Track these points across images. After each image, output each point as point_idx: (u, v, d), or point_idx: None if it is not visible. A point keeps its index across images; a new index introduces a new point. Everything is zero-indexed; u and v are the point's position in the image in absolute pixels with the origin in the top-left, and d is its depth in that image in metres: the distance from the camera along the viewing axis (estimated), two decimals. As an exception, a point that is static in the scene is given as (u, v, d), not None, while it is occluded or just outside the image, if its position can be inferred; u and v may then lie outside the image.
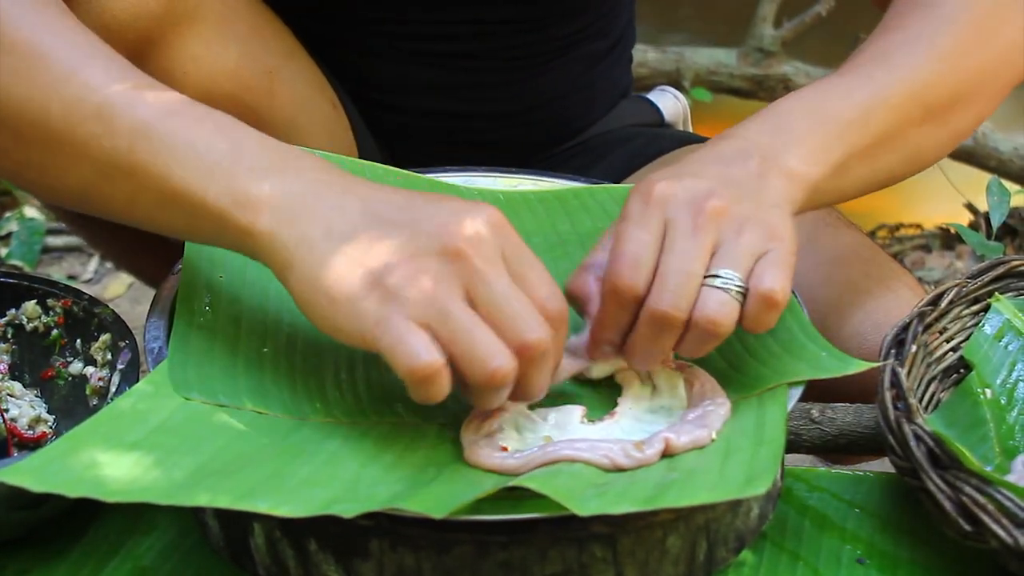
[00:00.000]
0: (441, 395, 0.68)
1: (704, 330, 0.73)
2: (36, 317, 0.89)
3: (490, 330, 0.68)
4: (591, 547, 0.68)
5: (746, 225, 0.74)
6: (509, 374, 0.68)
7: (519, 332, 0.68)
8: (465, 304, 0.68)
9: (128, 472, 0.67)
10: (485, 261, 0.69)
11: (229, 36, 1.02)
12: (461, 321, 0.67)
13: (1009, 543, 0.68)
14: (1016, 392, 0.84)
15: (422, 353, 0.67)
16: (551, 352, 0.70)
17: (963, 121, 0.91)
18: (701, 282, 0.73)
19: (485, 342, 0.68)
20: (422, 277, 0.68)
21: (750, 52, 2.38)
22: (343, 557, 0.69)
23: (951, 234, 2.27)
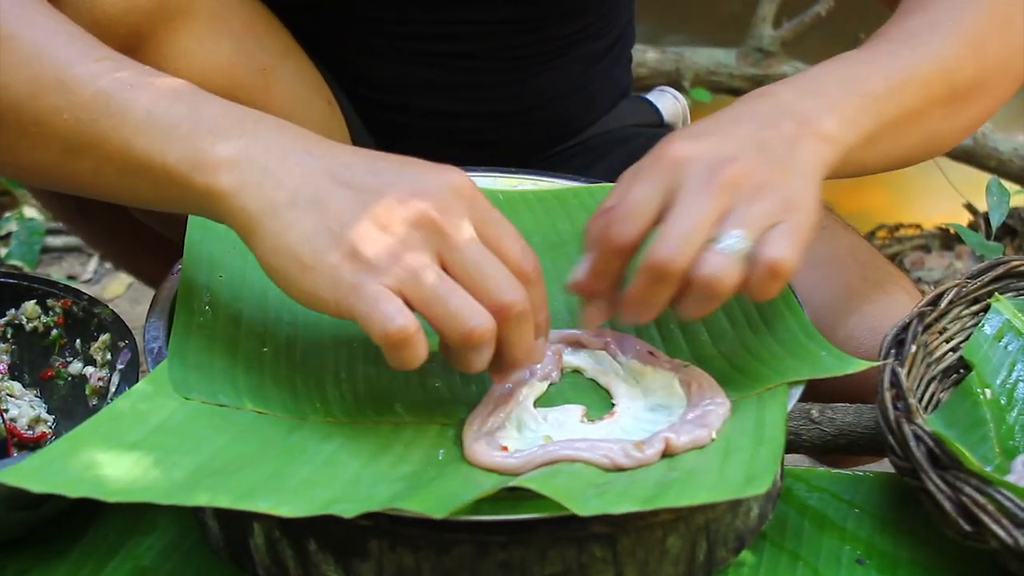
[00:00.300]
0: (417, 359, 0.68)
1: (702, 289, 0.72)
2: (36, 317, 0.89)
3: (466, 293, 0.69)
4: (591, 547, 0.68)
5: (763, 192, 0.73)
6: (487, 332, 0.69)
7: (494, 293, 0.69)
8: (439, 269, 0.69)
9: (128, 472, 0.67)
10: (455, 227, 0.69)
11: (222, 32, 1.02)
12: (436, 285, 0.68)
13: (1009, 543, 0.68)
14: (1016, 392, 0.84)
15: (396, 317, 0.67)
16: (528, 311, 0.70)
17: (981, 107, 0.91)
18: (705, 241, 0.72)
19: (461, 303, 0.68)
20: (395, 244, 0.68)
21: (750, 52, 2.38)
22: (342, 557, 0.69)
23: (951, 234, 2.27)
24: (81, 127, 0.73)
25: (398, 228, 0.69)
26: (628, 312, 0.75)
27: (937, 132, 0.88)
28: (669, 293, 0.73)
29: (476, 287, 0.69)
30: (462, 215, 0.70)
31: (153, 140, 0.72)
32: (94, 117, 0.73)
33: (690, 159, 0.74)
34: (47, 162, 0.76)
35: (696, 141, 0.75)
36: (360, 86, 1.17)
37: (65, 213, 1.23)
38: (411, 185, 0.70)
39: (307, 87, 1.13)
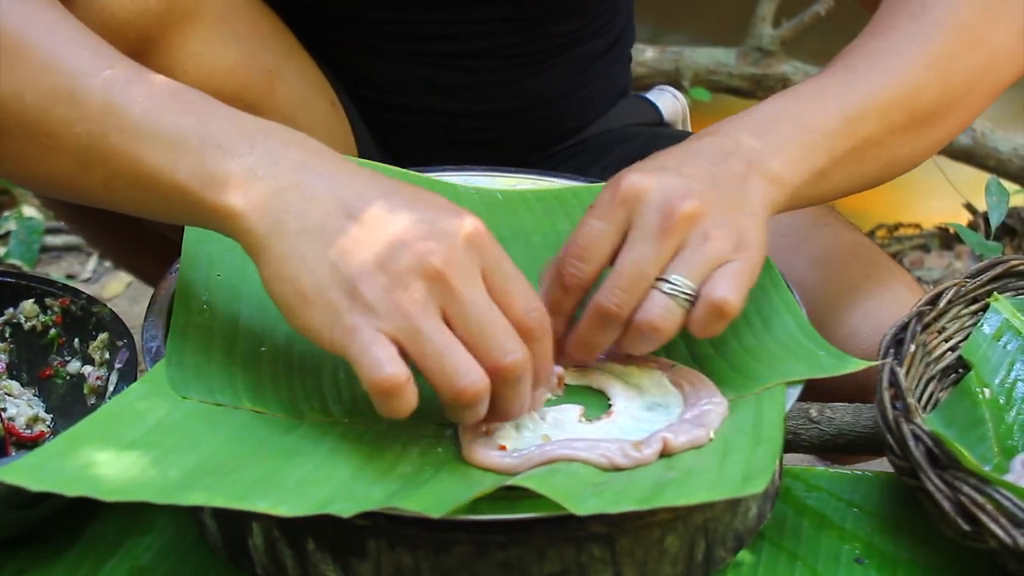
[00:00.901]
0: (405, 410, 0.67)
1: (642, 332, 0.74)
2: (34, 316, 0.89)
3: (464, 350, 0.68)
4: (589, 547, 0.68)
5: (714, 231, 0.74)
6: (479, 392, 0.68)
7: (493, 353, 0.68)
8: (440, 323, 0.68)
9: (125, 471, 0.67)
10: (463, 281, 0.68)
11: (229, 35, 1.02)
12: (434, 339, 0.67)
13: (1008, 543, 0.68)
14: (1015, 392, 0.84)
15: (386, 365, 0.66)
16: (526, 372, 0.70)
17: (946, 129, 0.90)
18: (652, 284, 0.74)
19: (457, 360, 0.67)
20: (399, 292, 0.67)
21: (749, 51, 2.38)
22: (341, 557, 0.69)
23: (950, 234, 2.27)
24: (92, 140, 0.73)
25: (403, 274, 0.68)
26: (573, 353, 0.77)
27: (897, 157, 0.88)
28: (612, 336, 0.75)
29: (476, 345, 0.68)
30: (471, 267, 0.69)
31: (163, 155, 0.71)
32: (104, 131, 0.72)
33: (644, 195, 0.75)
34: (58, 174, 0.76)
35: (651, 174, 0.76)
36: (360, 86, 1.17)
37: (65, 212, 1.23)
38: (423, 229, 0.69)
39: (311, 88, 1.13)
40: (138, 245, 1.19)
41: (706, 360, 0.81)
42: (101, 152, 0.73)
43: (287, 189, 0.70)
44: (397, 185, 0.73)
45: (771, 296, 0.84)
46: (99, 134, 0.72)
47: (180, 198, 0.72)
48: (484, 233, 0.71)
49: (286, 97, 1.08)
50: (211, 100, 0.74)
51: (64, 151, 0.74)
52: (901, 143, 0.86)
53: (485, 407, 0.69)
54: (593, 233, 0.75)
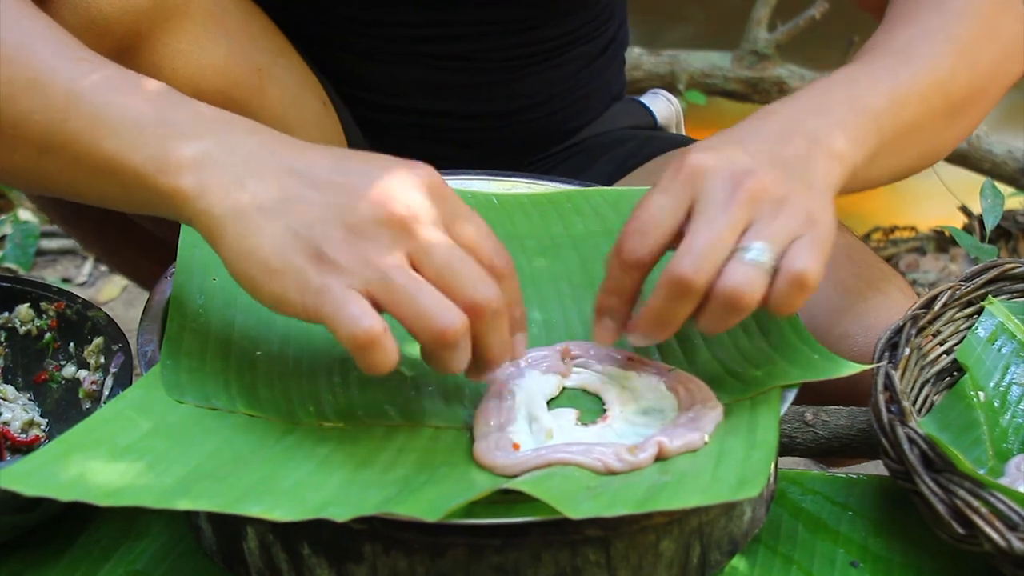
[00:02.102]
0: (386, 362, 0.67)
1: (726, 302, 0.70)
2: (29, 320, 0.88)
3: (437, 292, 0.67)
4: (584, 551, 0.68)
5: (784, 206, 0.72)
6: (459, 331, 0.67)
7: (466, 291, 0.68)
8: (409, 270, 0.68)
9: (120, 476, 0.67)
10: (425, 226, 0.68)
11: (218, 33, 1.02)
12: (405, 285, 0.67)
13: (1002, 546, 0.68)
14: (1009, 395, 0.84)
15: (362, 319, 0.66)
16: (502, 308, 0.69)
17: (974, 115, 0.91)
18: (730, 254, 0.71)
19: (431, 302, 0.67)
20: (363, 245, 0.67)
21: (744, 55, 2.38)
22: (336, 561, 0.68)
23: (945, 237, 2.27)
24: (52, 128, 0.73)
25: (366, 228, 0.68)
26: (643, 330, 0.74)
27: (934, 144, 0.89)
28: (689, 309, 0.72)
29: (447, 285, 0.68)
30: (431, 212, 0.69)
31: (121, 141, 0.72)
32: (64, 117, 0.73)
33: (709, 170, 0.73)
34: (23, 164, 0.76)
35: (714, 152, 0.74)
36: (352, 87, 1.17)
37: (61, 215, 1.23)
38: (379, 184, 0.69)
39: (302, 87, 1.13)
40: (132, 248, 1.19)
41: (701, 364, 0.81)
42: (61, 139, 0.73)
43: (243, 170, 0.70)
44: (352, 152, 0.73)
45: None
46: (59, 121, 0.73)
47: (137, 183, 0.72)
48: (440, 181, 0.71)
49: (277, 96, 1.08)
50: (173, 91, 0.75)
51: (26, 139, 0.74)
52: (938, 129, 0.87)
53: (467, 351, 0.69)
54: (655, 207, 0.73)
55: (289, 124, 1.10)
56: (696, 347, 0.83)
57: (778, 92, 2.36)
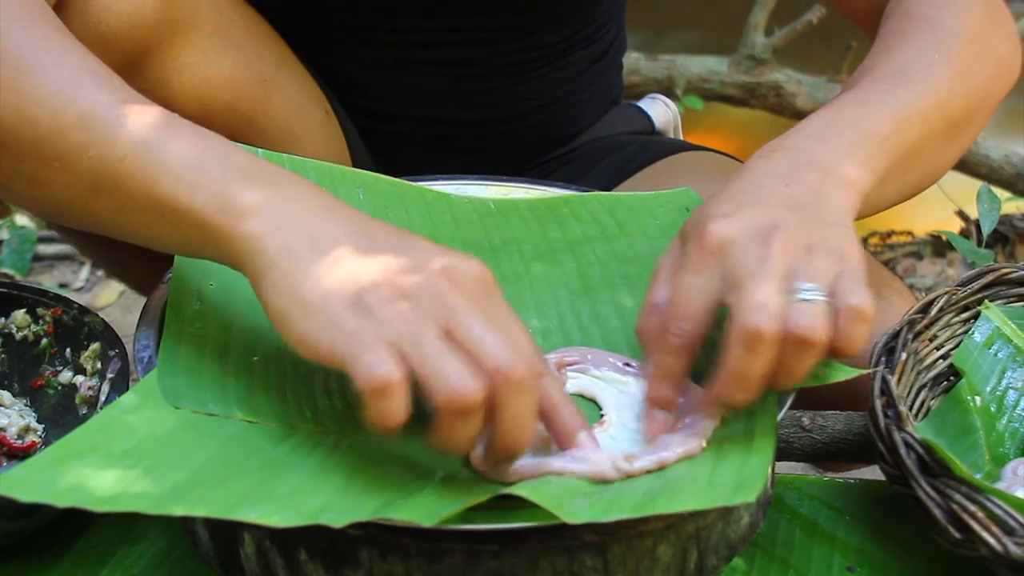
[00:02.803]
0: (396, 414, 0.66)
1: (797, 343, 0.69)
2: (26, 326, 0.88)
3: (464, 357, 0.66)
4: (582, 556, 0.68)
5: (815, 250, 0.72)
6: (476, 395, 0.65)
7: (493, 358, 0.66)
8: (442, 333, 0.67)
9: (117, 482, 0.67)
10: (465, 298, 0.68)
11: (224, 45, 1.02)
12: (434, 345, 0.66)
13: (999, 550, 0.68)
14: (1006, 399, 0.84)
15: (382, 365, 0.65)
16: (528, 383, 0.67)
17: (970, 135, 0.91)
18: (786, 299, 0.70)
19: (454, 364, 0.66)
20: (402, 301, 0.67)
21: (741, 60, 2.39)
22: (333, 566, 0.68)
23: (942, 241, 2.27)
24: (106, 165, 0.72)
25: (412, 292, 0.67)
26: (726, 393, 0.72)
27: (935, 164, 0.89)
28: (767, 361, 0.70)
29: (476, 352, 0.66)
30: (477, 298, 0.68)
31: (181, 182, 0.71)
32: (121, 156, 0.72)
33: (734, 240, 0.73)
34: (69, 199, 0.75)
35: (731, 220, 0.74)
36: (351, 94, 1.17)
37: None
38: (436, 260, 0.69)
39: (306, 97, 1.13)
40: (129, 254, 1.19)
41: (699, 369, 0.81)
42: (115, 177, 0.72)
43: (302, 217, 0.70)
44: (413, 234, 0.73)
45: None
46: (115, 159, 0.72)
47: (193, 225, 0.71)
48: (489, 276, 0.70)
49: (281, 107, 1.08)
50: (226, 139, 0.74)
51: (77, 175, 0.73)
52: (939, 150, 0.87)
53: (477, 424, 0.67)
54: (690, 291, 0.73)
55: (293, 134, 1.10)
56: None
57: (775, 96, 2.36)
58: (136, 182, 0.72)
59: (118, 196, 0.73)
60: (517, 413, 0.67)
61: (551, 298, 0.89)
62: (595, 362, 0.81)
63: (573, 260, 0.93)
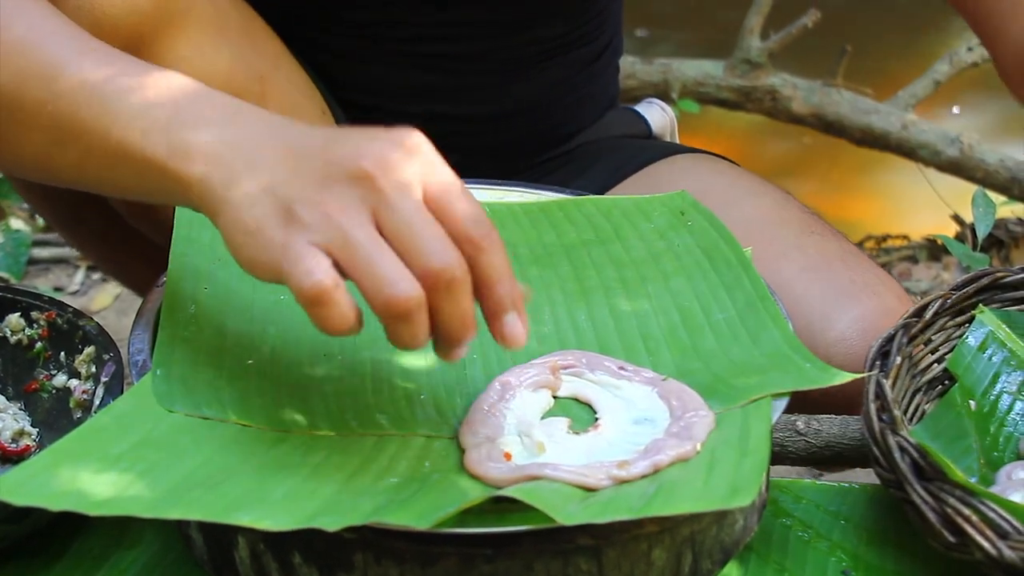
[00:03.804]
0: (340, 320, 0.66)
1: None
2: (20, 330, 0.88)
3: (395, 258, 0.66)
4: (576, 560, 0.68)
5: None
6: (410, 301, 0.65)
7: (423, 258, 0.66)
8: (371, 229, 0.66)
9: (111, 486, 0.67)
10: (393, 185, 0.67)
11: (221, 40, 1.02)
12: (362, 245, 0.65)
13: (993, 554, 0.68)
14: (1000, 404, 0.84)
15: (314, 272, 0.65)
16: (461, 280, 0.66)
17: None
18: None
19: (385, 267, 0.65)
20: (327, 202, 0.66)
21: (737, 64, 2.39)
22: (327, 570, 0.68)
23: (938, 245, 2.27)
24: (63, 119, 0.73)
25: (336, 184, 0.67)
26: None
27: None
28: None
29: (406, 250, 0.66)
30: (404, 171, 0.67)
31: (132, 130, 0.72)
32: (74, 108, 0.73)
33: None
34: (34, 153, 0.76)
35: None
36: (345, 89, 1.17)
37: (59, 220, 1.23)
38: (357, 144, 0.68)
39: (302, 95, 1.13)
40: (129, 254, 1.19)
41: (693, 373, 0.81)
42: (74, 129, 0.73)
43: (248, 155, 0.70)
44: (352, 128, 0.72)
45: (757, 309, 0.85)
46: (70, 112, 0.73)
47: (150, 171, 0.72)
48: (422, 143, 0.69)
49: (277, 105, 1.08)
50: (182, 78, 0.75)
51: (38, 129, 0.74)
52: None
53: (422, 324, 0.66)
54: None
55: None
56: (687, 356, 0.83)
57: (770, 100, 2.36)
58: (92, 134, 0.73)
59: (79, 148, 0.74)
60: (453, 312, 0.67)
61: (546, 302, 0.89)
62: (590, 366, 0.81)
63: (568, 264, 0.93)
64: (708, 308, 0.86)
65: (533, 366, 0.80)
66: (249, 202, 0.68)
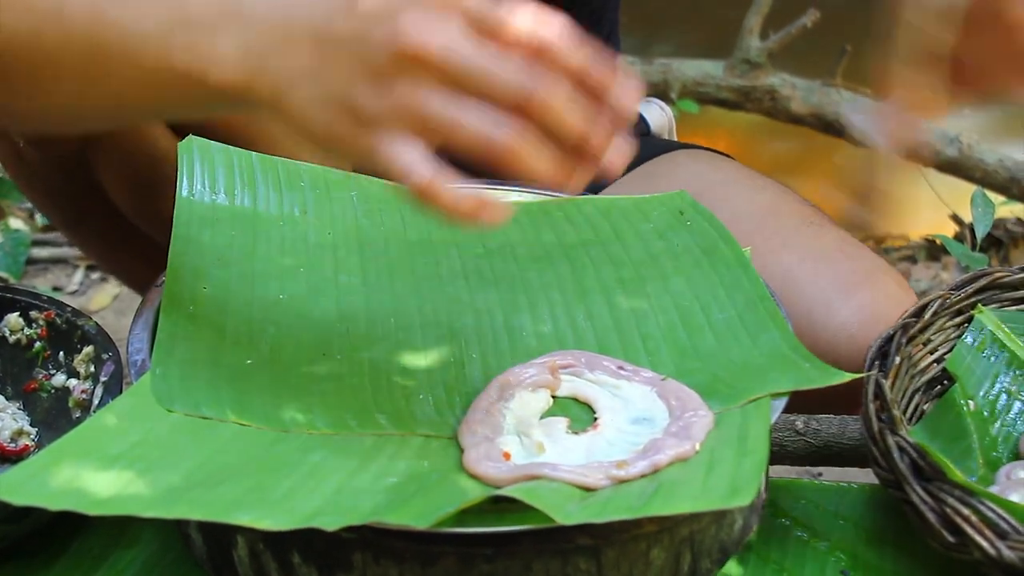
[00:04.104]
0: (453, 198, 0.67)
1: None
2: (19, 329, 0.88)
3: (478, 108, 0.65)
4: (575, 559, 0.68)
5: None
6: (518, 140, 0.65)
7: (506, 91, 0.65)
8: (441, 97, 0.66)
9: (110, 485, 0.67)
10: (441, 49, 0.65)
11: None
12: (443, 118, 0.65)
13: (992, 554, 0.68)
14: (999, 404, 0.84)
15: (414, 171, 0.66)
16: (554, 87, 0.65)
17: None
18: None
19: (474, 124, 0.65)
20: (390, 90, 0.66)
21: (737, 64, 2.39)
22: (326, 569, 0.68)
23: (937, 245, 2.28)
24: (87, 56, 0.72)
25: (387, 70, 0.66)
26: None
27: None
28: None
29: (485, 93, 0.65)
30: (446, 30, 0.66)
31: (156, 51, 0.71)
32: (96, 43, 0.72)
33: None
34: (68, 102, 0.76)
35: None
36: None
37: (60, 218, 1.23)
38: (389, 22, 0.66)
39: None
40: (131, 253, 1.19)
41: (692, 373, 0.81)
42: (100, 65, 0.73)
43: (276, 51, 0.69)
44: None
45: (756, 308, 0.85)
46: (91, 48, 0.72)
47: (191, 87, 0.71)
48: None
49: None
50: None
51: (67, 73, 0.74)
52: None
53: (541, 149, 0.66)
54: None
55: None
56: (686, 356, 0.83)
57: (770, 100, 2.37)
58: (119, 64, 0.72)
59: (109, 84, 0.73)
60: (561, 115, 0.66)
61: (545, 301, 0.89)
62: (589, 365, 0.81)
63: (567, 263, 0.93)
64: (707, 308, 0.86)
65: (532, 366, 0.80)
66: (313, 110, 0.68)
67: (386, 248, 0.94)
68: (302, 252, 0.91)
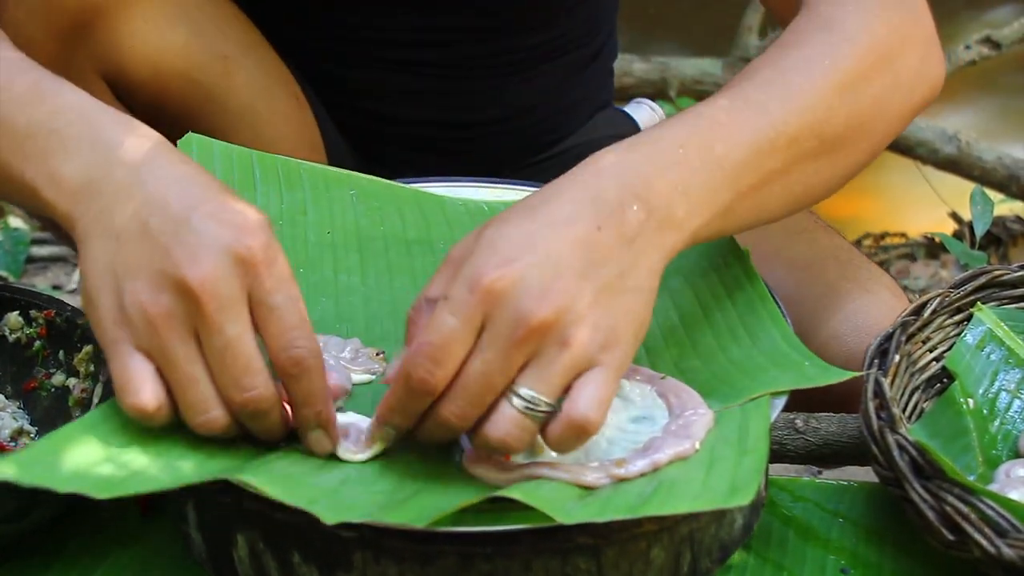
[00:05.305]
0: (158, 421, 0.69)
1: (490, 446, 0.69)
2: (19, 328, 0.88)
3: (207, 383, 0.68)
4: (575, 559, 0.68)
5: (576, 333, 0.67)
6: (216, 425, 0.69)
7: (230, 389, 0.68)
8: (190, 346, 0.68)
9: (118, 468, 0.67)
10: (218, 308, 0.67)
11: (178, 17, 1.04)
12: (181, 366, 0.68)
13: (991, 552, 0.68)
14: (998, 402, 0.84)
15: (140, 393, 0.68)
16: (268, 408, 0.69)
17: (859, 152, 0.84)
18: (500, 393, 0.68)
19: (198, 392, 0.68)
20: (154, 308, 0.68)
21: (735, 62, 2.39)
22: (326, 569, 0.68)
23: (936, 243, 2.28)
24: None
25: (163, 293, 0.68)
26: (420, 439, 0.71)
27: (808, 186, 0.81)
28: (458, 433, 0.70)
29: (217, 375, 0.68)
30: (232, 290, 0.68)
31: (14, 152, 0.73)
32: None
33: (503, 296, 0.67)
34: None
35: (512, 269, 0.67)
36: (333, 91, 1.17)
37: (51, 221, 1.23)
38: (197, 244, 0.68)
39: (273, 80, 1.14)
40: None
41: (692, 372, 0.81)
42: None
43: (104, 196, 0.71)
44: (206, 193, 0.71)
45: (756, 308, 0.85)
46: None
47: (31, 196, 0.73)
48: (263, 250, 0.68)
49: (244, 84, 1.10)
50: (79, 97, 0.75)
51: None
52: (811, 171, 0.80)
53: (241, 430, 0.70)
54: (447, 334, 0.67)
55: (258, 112, 1.11)
56: (686, 355, 0.83)
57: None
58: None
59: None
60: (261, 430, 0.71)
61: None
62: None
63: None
64: (707, 307, 0.86)
65: None
66: (95, 267, 0.70)
67: (385, 248, 0.94)
68: (302, 251, 0.91)
